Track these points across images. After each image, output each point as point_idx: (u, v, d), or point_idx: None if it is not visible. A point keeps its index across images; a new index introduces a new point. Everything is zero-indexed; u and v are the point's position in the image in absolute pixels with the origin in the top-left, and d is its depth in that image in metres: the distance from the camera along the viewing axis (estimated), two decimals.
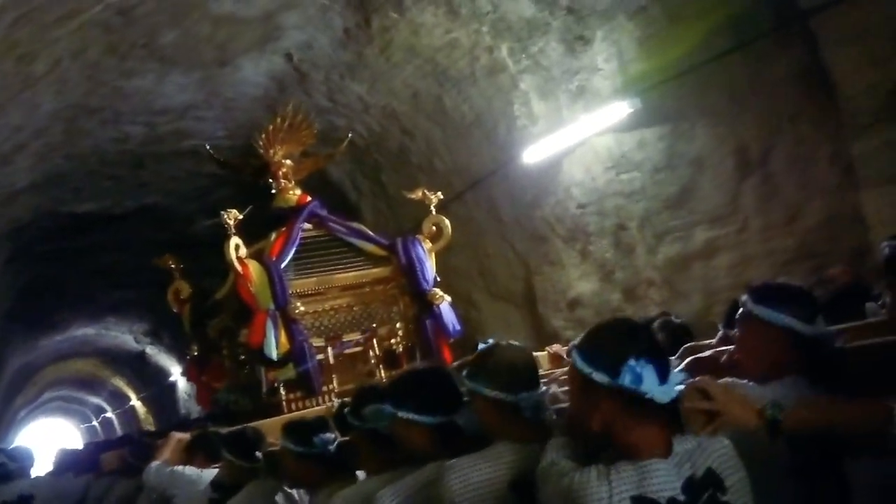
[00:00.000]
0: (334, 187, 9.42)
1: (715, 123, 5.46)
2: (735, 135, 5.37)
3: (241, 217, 5.30)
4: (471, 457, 2.24)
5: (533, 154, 6.69)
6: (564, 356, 5.47)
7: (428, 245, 5.91)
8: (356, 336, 5.64)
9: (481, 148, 7.34)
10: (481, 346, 7.15)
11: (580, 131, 6.20)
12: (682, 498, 1.78)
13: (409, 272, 5.69)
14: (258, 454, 3.71)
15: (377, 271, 5.81)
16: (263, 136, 6.05)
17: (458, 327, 5.76)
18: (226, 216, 5.24)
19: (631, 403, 1.79)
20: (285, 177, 6.05)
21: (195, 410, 14.65)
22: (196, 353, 6.46)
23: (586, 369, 1.82)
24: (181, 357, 15.41)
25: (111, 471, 5.46)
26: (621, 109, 5.75)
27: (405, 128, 7.92)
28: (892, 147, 4.39)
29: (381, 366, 5.62)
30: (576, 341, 2.00)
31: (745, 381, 2.29)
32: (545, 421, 2.29)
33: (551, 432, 2.12)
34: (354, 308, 5.71)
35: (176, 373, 17.30)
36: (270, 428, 4.50)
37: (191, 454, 4.87)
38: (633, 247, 6.25)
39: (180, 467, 4.74)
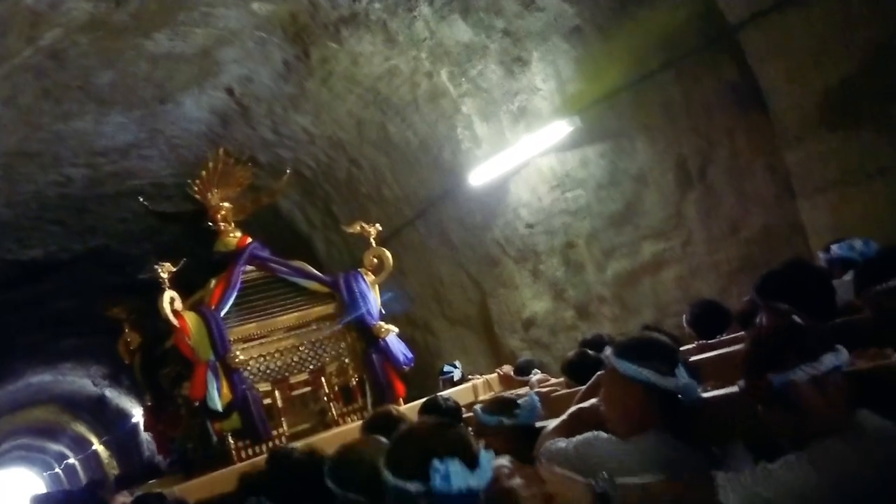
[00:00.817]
0: (285, 221, 9.36)
1: (654, 139, 5.52)
2: (674, 150, 5.43)
3: (174, 270, 5.23)
4: None
5: (479, 177, 6.70)
6: (514, 376, 5.62)
7: (370, 278, 5.86)
8: (304, 377, 5.59)
9: (428, 173, 7.35)
10: (447, 369, 6.96)
11: (523, 152, 6.23)
12: None
13: (353, 307, 5.65)
14: None
15: (321, 309, 5.77)
16: (198, 181, 5.95)
17: (409, 356, 5.72)
18: (159, 270, 5.18)
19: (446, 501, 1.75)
20: (224, 220, 5.96)
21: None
22: (150, 403, 6.35)
23: (400, 485, 1.78)
24: (141, 398, 15.13)
25: None
26: (562, 128, 5.79)
27: (352, 157, 7.90)
28: (824, 157, 4.46)
29: (333, 403, 5.58)
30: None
31: (608, 436, 2.33)
32: None
33: None
34: (301, 348, 5.62)
35: (138, 414, 16.91)
36: (221, 479, 4.54)
37: None
38: (582, 264, 6.28)
39: None
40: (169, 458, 7.31)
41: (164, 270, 5.18)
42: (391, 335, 5.66)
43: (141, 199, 6.79)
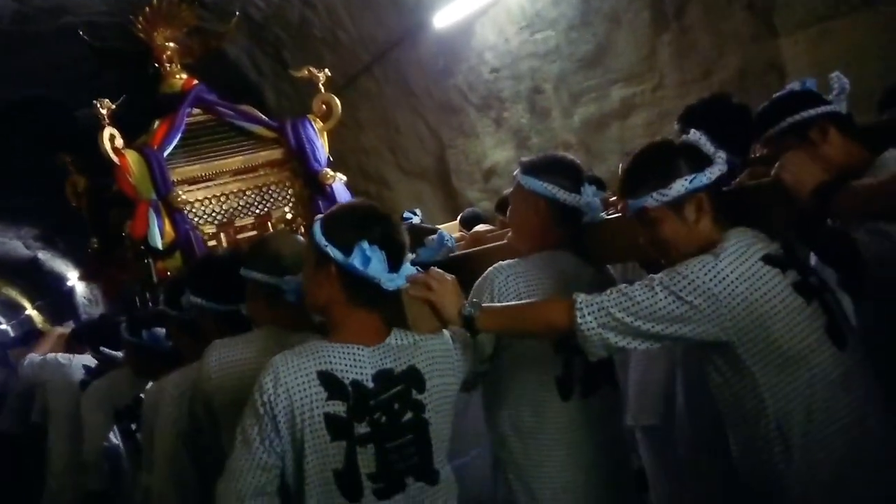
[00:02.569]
0: (232, 68, 8.89)
1: None
2: None
3: (114, 107, 5.16)
4: (233, 338, 2.30)
5: (443, 18, 6.40)
6: (459, 226, 5.56)
7: (319, 125, 5.81)
8: (250, 221, 5.62)
9: (388, 15, 6.98)
10: (406, 215, 7.02)
11: None
12: (369, 385, 1.82)
13: (300, 153, 5.65)
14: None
15: (267, 154, 5.75)
16: (142, 18, 5.76)
17: None
18: (99, 106, 5.12)
19: (356, 285, 1.85)
20: (170, 61, 5.83)
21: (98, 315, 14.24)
22: (97, 247, 6.25)
23: (322, 242, 1.85)
24: (78, 262, 14.77)
25: None
26: None
27: None
28: None
29: None
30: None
31: (512, 260, 2.34)
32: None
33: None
34: (246, 193, 5.65)
35: (74, 277, 16.57)
36: None
37: (70, 346, 5.00)
38: (548, 110, 6.14)
39: (52, 354, 4.88)
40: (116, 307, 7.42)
41: (104, 107, 5.11)
42: (338, 182, 5.65)
43: (81, 34, 6.44)
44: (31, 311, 20.80)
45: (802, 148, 2.10)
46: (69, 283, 17.12)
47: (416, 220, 6.45)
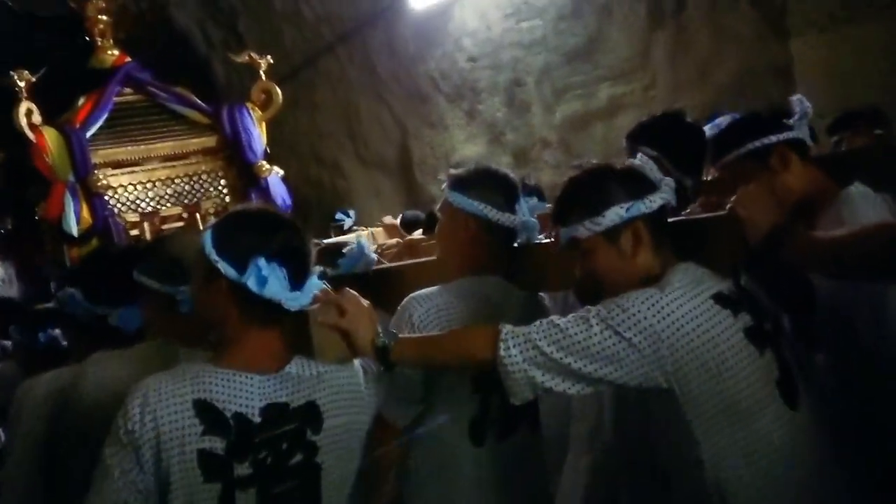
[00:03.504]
0: (179, 38, 8.26)
1: None
2: None
3: (34, 80, 4.88)
4: (113, 352, 2.05)
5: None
6: (399, 227, 5.35)
7: (258, 114, 5.62)
8: (177, 211, 5.39)
9: None
10: (339, 216, 6.63)
11: None
12: (255, 419, 1.57)
13: (235, 142, 5.48)
14: None
15: (200, 141, 5.54)
16: None
17: (287, 202, 5.59)
18: (16, 77, 4.86)
19: (252, 303, 1.58)
20: (102, 34, 5.56)
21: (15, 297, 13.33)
22: (10, 227, 6.06)
23: (213, 256, 1.59)
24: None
25: None
26: None
27: None
28: None
29: None
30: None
31: (433, 289, 2.09)
32: None
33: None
34: (175, 181, 5.44)
35: None
36: None
37: None
38: (528, 105, 5.79)
39: None
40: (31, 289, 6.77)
41: (21, 78, 4.85)
42: (274, 176, 5.48)
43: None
44: None
45: (762, 175, 1.98)
46: None
47: (347, 222, 6.14)
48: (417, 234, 5.03)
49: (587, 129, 5.53)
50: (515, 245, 2.16)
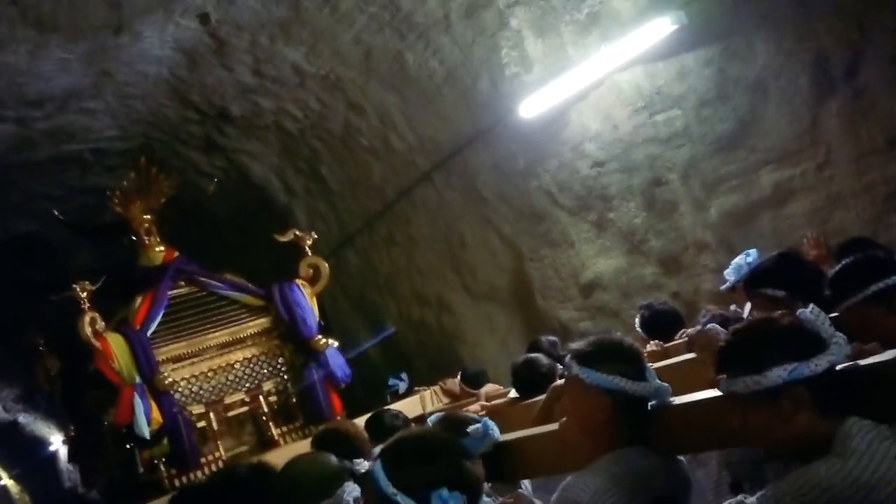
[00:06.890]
0: (257, 189, 7.87)
1: (780, 35, 4.39)
2: (809, 45, 4.32)
3: (93, 288, 4.95)
4: None
5: (528, 109, 5.46)
6: (461, 387, 5.20)
7: (308, 290, 5.57)
8: (240, 396, 5.36)
9: (455, 112, 6.04)
10: (392, 382, 6.10)
11: (595, 69, 5.02)
12: None
13: (290, 320, 5.45)
14: None
15: (255, 323, 5.55)
16: (118, 193, 5.68)
17: (347, 372, 5.54)
18: (77, 289, 4.89)
19: None
20: (148, 233, 5.68)
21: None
22: (74, 432, 6.09)
23: (390, 490, 1.66)
24: (61, 423, 13.30)
25: None
26: (660, 28, 4.60)
27: (352, 101, 6.51)
28: None
29: (272, 423, 5.32)
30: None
31: (588, 473, 2.03)
32: None
33: None
34: (235, 366, 5.41)
35: (57, 441, 14.88)
36: None
37: None
38: (674, 205, 5.10)
39: None
40: (94, 490, 7.01)
41: (83, 289, 4.90)
42: (330, 349, 5.47)
43: (56, 213, 6.25)
44: (6, 480, 18.80)
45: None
46: (51, 448, 15.40)
47: (402, 386, 5.94)
48: (486, 389, 4.85)
49: (751, 222, 4.80)
50: (648, 410, 2.13)
